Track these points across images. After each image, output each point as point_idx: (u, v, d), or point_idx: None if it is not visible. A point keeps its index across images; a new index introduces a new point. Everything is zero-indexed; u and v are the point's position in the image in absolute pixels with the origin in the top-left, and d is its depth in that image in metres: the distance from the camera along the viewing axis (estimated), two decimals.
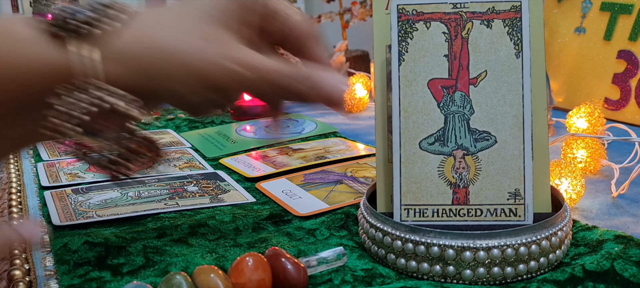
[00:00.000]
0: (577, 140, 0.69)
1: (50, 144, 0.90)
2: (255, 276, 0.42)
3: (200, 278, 0.41)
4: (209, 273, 0.41)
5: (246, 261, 0.43)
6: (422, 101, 0.48)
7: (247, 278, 0.42)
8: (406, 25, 0.49)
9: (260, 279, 0.42)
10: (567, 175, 0.59)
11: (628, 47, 0.93)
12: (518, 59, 0.48)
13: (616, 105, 0.94)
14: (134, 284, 0.39)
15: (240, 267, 0.43)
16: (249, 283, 0.42)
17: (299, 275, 0.43)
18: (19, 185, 0.71)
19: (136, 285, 0.39)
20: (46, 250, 0.53)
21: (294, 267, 0.43)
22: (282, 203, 0.62)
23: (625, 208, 0.60)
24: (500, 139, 0.48)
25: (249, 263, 0.42)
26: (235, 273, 0.43)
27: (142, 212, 0.60)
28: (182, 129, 1.00)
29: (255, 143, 0.88)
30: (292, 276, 0.43)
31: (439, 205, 0.48)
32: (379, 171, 0.52)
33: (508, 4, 0.48)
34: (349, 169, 0.73)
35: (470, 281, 0.44)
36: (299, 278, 0.43)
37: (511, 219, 0.47)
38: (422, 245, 0.44)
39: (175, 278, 0.41)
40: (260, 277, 0.42)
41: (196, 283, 0.41)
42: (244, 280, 0.42)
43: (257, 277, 0.42)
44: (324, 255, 0.46)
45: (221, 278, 0.41)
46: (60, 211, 0.61)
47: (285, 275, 0.43)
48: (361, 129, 0.97)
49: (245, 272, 0.42)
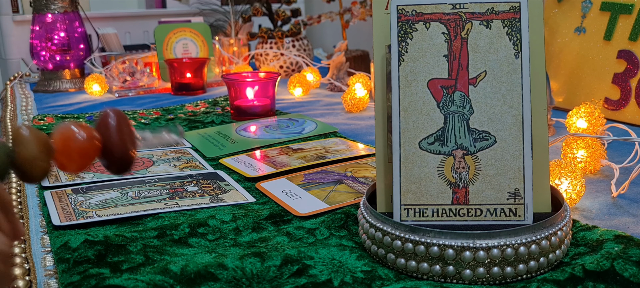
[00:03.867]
0: (577, 140, 0.69)
1: None
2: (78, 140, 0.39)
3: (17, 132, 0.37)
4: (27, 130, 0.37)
5: (70, 126, 0.39)
6: (422, 101, 0.48)
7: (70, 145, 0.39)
8: (406, 25, 0.49)
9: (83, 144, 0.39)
10: (567, 175, 0.59)
11: (628, 47, 0.93)
12: (517, 59, 0.48)
13: (616, 105, 0.94)
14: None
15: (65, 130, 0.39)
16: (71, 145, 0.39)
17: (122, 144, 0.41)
18: (19, 185, 0.71)
19: None
20: (46, 249, 0.53)
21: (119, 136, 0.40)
22: (282, 203, 0.62)
23: (625, 208, 0.60)
24: (499, 138, 0.48)
25: (74, 129, 0.39)
26: (58, 137, 0.39)
27: (142, 211, 0.60)
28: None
29: (255, 143, 0.88)
30: (116, 142, 0.40)
31: (438, 205, 0.48)
32: (379, 171, 0.52)
33: (507, 4, 0.48)
34: (349, 169, 0.73)
35: (470, 281, 0.44)
36: (123, 149, 0.40)
37: (511, 219, 0.47)
38: (421, 245, 0.44)
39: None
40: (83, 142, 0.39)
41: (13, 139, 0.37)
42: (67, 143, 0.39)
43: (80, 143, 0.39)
44: (159, 132, 0.44)
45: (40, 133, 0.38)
46: (60, 211, 0.61)
47: (110, 142, 0.40)
48: (361, 129, 0.97)
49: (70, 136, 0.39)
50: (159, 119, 1.07)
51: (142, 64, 1.40)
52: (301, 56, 1.49)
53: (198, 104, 1.19)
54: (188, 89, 1.32)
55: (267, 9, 1.56)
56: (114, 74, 1.35)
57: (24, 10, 2.20)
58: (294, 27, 1.51)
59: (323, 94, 1.30)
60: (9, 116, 1.13)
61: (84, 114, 1.13)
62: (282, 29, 1.51)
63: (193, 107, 1.17)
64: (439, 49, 0.48)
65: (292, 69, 1.52)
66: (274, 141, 0.89)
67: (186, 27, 1.45)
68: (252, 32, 1.57)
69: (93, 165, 0.41)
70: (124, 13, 2.41)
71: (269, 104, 1.06)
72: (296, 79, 1.28)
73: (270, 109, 1.06)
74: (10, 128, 0.82)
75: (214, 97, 1.28)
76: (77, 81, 1.46)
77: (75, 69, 1.47)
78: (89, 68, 1.48)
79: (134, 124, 1.04)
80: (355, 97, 1.09)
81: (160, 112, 1.13)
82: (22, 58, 2.17)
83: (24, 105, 1.26)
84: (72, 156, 0.39)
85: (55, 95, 1.39)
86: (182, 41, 1.44)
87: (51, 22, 1.42)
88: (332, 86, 1.33)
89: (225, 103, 1.20)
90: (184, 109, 1.16)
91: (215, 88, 1.41)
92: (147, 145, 0.44)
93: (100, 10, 2.43)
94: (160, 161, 0.80)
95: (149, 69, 1.43)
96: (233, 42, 1.57)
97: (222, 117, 1.07)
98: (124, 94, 1.33)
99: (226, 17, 1.87)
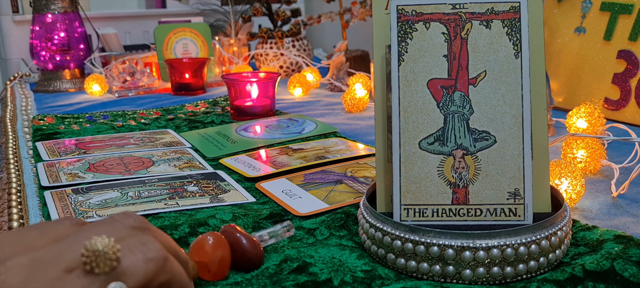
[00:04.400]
0: (577, 140, 0.69)
1: (50, 144, 0.90)
2: (217, 253, 0.45)
3: None
4: None
5: (206, 240, 0.45)
6: (422, 101, 0.48)
7: (209, 257, 0.45)
8: (406, 25, 0.49)
9: (221, 257, 0.45)
10: (567, 175, 0.59)
11: (628, 47, 0.93)
12: (517, 59, 0.48)
13: (616, 105, 0.94)
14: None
15: (202, 246, 0.45)
16: (212, 261, 0.45)
17: (254, 249, 0.47)
18: (19, 185, 0.71)
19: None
20: None
21: (249, 242, 0.47)
22: (282, 203, 0.62)
23: (625, 208, 0.60)
24: (499, 138, 0.48)
25: (209, 242, 0.45)
26: (197, 252, 0.45)
27: (142, 211, 0.60)
28: (182, 129, 1.00)
29: (255, 143, 0.88)
30: (248, 250, 0.47)
31: (438, 205, 0.48)
32: (379, 171, 0.52)
33: (507, 4, 0.48)
34: (349, 169, 0.74)
35: (469, 281, 0.44)
36: (256, 252, 0.47)
37: (511, 219, 0.47)
38: (421, 245, 0.44)
39: None
40: (221, 255, 0.45)
41: None
42: (206, 258, 0.45)
43: (219, 255, 0.45)
44: (274, 229, 0.51)
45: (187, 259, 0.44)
46: (60, 211, 0.61)
47: (242, 250, 0.47)
48: (361, 129, 0.97)
49: (206, 250, 0.45)
50: (159, 119, 1.07)
51: (142, 64, 1.40)
52: (301, 56, 1.49)
53: (198, 104, 1.19)
54: (188, 89, 1.32)
55: (267, 9, 1.56)
56: (114, 74, 1.35)
57: (24, 10, 2.20)
58: (294, 27, 1.51)
59: (323, 94, 1.30)
60: (9, 116, 1.13)
61: (84, 114, 1.12)
62: (282, 29, 1.52)
63: (193, 107, 1.17)
64: (439, 49, 0.48)
65: (292, 69, 1.52)
66: (274, 141, 0.89)
67: (186, 27, 1.45)
68: (252, 32, 1.57)
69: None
70: (124, 13, 2.41)
71: (269, 104, 1.06)
72: (296, 79, 1.28)
73: (270, 109, 1.06)
74: None
75: (214, 97, 1.28)
76: (77, 81, 1.46)
77: (75, 69, 1.47)
78: (89, 68, 1.48)
79: (134, 124, 1.04)
80: (355, 97, 1.09)
81: (160, 112, 1.13)
82: (22, 58, 2.17)
83: (23, 105, 1.26)
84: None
85: (55, 95, 1.39)
86: (182, 41, 1.44)
87: (51, 22, 1.42)
88: (332, 86, 1.33)
89: (225, 103, 1.20)
90: (184, 109, 1.16)
91: (215, 88, 1.41)
92: (266, 244, 0.50)
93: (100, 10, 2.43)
94: (160, 161, 0.80)
95: (149, 69, 1.43)
96: (233, 42, 1.57)
97: (222, 117, 1.07)
98: (124, 94, 1.33)
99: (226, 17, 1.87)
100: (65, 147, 0.88)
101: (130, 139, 0.92)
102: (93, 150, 0.86)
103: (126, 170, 0.76)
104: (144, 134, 0.96)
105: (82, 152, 0.85)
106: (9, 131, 1.00)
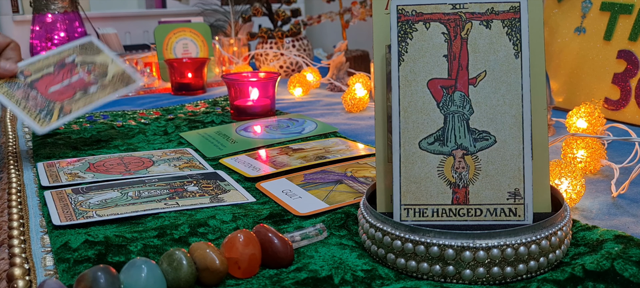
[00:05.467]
0: (577, 140, 0.69)
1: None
2: (247, 251, 0.46)
3: (197, 253, 0.45)
4: (205, 248, 0.45)
5: (238, 237, 0.46)
6: (422, 101, 0.48)
7: (239, 253, 0.45)
8: (406, 25, 0.49)
9: (251, 254, 0.46)
10: (567, 175, 0.59)
11: (628, 47, 0.93)
12: (517, 59, 0.48)
13: (616, 105, 0.94)
14: (53, 281, 0.41)
15: (233, 243, 0.46)
16: (242, 258, 0.45)
17: (285, 248, 0.47)
18: (19, 185, 0.71)
19: (54, 282, 0.41)
20: (46, 249, 0.53)
21: (281, 242, 0.47)
22: (282, 203, 0.62)
23: (625, 208, 0.60)
24: (499, 138, 0.48)
25: (240, 239, 0.46)
26: (228, 248, 0.46)
27: (142, 211, 0.60)
28: (182, 129, 1.00)
29: (255, 143, 0.88)
30: (279, 250, 0.47)
31: (438, 205, 0.48)
32: (379, 171, 0.52)
33: (507, 4, 0.48)
34: (349, 169, 0.74)
35: (469, 281, 0.44)
36: (286, 252, 0.47)
37: (511, 219, 0.47)
38: (421, 244, 0.44)
39: (175, 254, 0.44)
40: (251, 252, 0.46)
41: (194, 259, 0.44)
42: (236, 255, 0.45)
43: (249, 252, 0.46)
44: (306, 231, 0.51)
45: (216, 253, 0.45)
46: (60, 211, 0.61)
47: (273, 249, 0.47)
48: (361, 128, 0.97)
49: (237, 247, 0.45)
50: (158, 119, 1.07)
51: (142, 64, 1.40)
52: (301, 56, 1.49)
53: (198, 104, 1.19)
54: (188, 89, 1.32)
55: (267, 9, 1.56)
56: None
57: (24, 10, 2.20)
58: (294, 27, 1.51)
59: (323, 94, 1.30)
60: (9, 116, 1.13)
61: (83, 114, 1.12)
62: (282, 29, 1.52)
63: (193, 107, 1.17)
64: (439, 49, 0.48)
65: (292, 69, 1.52)
66: (274, 141, 0.89)
67: (186, 27, 1.45)
68: (252, 32, 1.57)
69: None
70: (124, 13, 2.41)
71: (269, 104, 1.06)
72: (296, 79, 1.28)
73: (270, 109, 1.06)
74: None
75: (214, 97, 1.28)
76: None
77: None
78: None
79: (134, 124, 1.04)
80: (355, 97, 1.09)
81: (160, 112, 1.13)
82: (22, 58, 2.17)
83: None
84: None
85: None
86: (182, 41, 1.44)
87: (51, 22, 1.42)
88: (332, 86, 1.33)
89: (225, 103, 1.20)
90: (184, 109, 1.16)
91: (215, 88, 1.41)
92: (299, 246, 0.51)
93: (100, 10, 2.43)
94: (160, 161, 0.80)
95: (149, 69, 1.43)
96: (233, 42, 1.57)
97: (222, 117, 1.07)
98: (124, 94, 1.33)
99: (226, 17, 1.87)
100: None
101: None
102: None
103: (126, 170, 0.76)
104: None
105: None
106: (9, 131, 1.00)
